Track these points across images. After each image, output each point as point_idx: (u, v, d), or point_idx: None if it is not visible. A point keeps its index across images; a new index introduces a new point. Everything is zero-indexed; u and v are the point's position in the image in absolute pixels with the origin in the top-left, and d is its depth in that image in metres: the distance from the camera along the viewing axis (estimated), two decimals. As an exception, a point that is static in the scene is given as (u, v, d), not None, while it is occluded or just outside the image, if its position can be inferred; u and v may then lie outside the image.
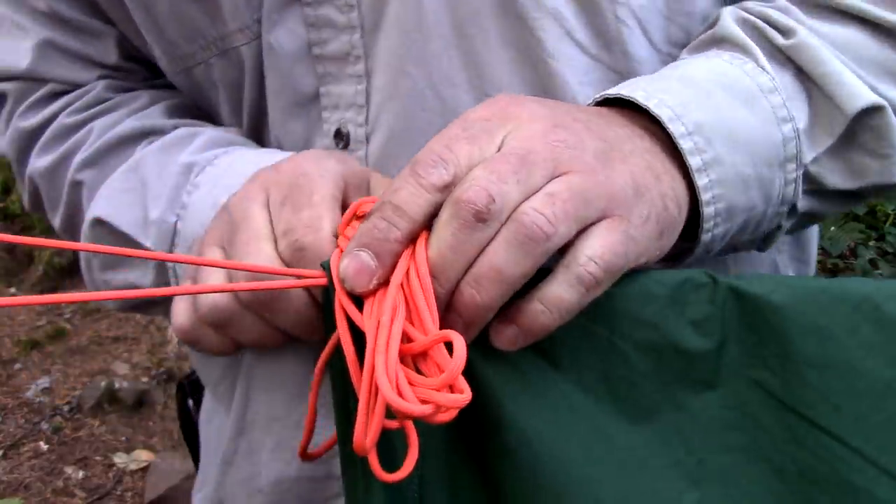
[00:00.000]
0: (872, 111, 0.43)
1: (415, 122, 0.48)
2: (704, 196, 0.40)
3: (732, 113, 0.42)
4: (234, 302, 0.41)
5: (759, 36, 0.45)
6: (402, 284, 0.35)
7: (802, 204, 0.45)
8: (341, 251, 0.38)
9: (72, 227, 0.59)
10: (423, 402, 0.31)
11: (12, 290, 3.11)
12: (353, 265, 0.36)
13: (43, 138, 0.59)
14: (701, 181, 0.40)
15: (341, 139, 0.50)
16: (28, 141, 0.60)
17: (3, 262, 3.16)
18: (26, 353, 2.73)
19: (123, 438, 2.37)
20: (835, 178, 0.45)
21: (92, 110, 0.58)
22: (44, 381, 2.59)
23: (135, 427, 2.42)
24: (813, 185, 0.45)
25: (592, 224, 0.36)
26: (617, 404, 0.37)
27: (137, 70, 0.60)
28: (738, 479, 0.37)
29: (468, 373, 0.36)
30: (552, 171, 0.36)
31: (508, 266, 0.34)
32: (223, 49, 0.52)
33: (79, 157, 0.56)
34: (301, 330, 0.42)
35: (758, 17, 0.45)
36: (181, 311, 0.43)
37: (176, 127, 0.56)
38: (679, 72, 0.44)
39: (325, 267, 0.38)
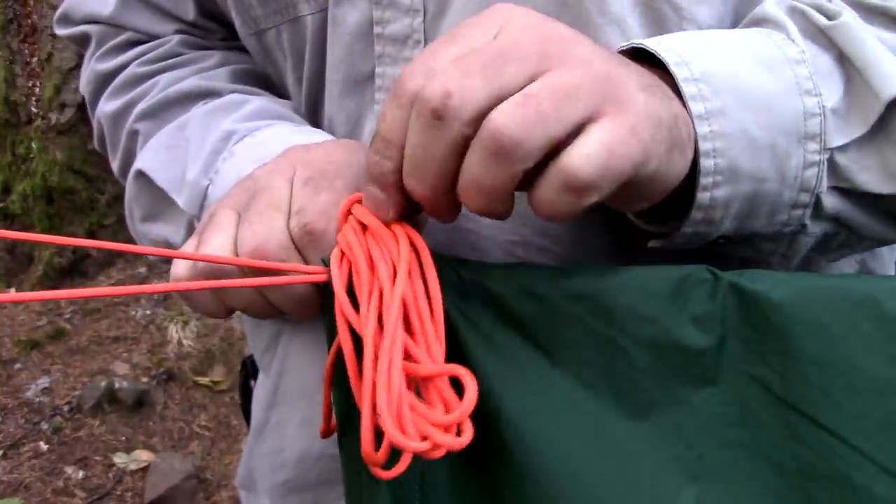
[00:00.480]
0: None
1: None
2: (703, 146, 0.38)
3: (749, 73, 0.39)
4: (233, 266, 0.41)
5: (801, 17, 0.43)
6: (405, 300, 0.34)
7: (830, 202, 0.42)
8: (341, 250, 0.37)
9: (126, 173, 0.61)
10: (423, 437, 0.31)
11: (12, 290, 3.11)
12: (369, 203, 0.37)
13: (114, 84, 0.62)
14: (701, 129, 0.38)
15: None
16: (101, 84, 0.63)
17: (3, 262, 3.16)
18: (26, 353, 2.73)
19: (123, 438, 2.37)
20: (865, 175, 0.41)
21: (162, 63, 0.60)
22: (44, 381, 2.59)
23: (135, 427, 2.42)
24: (841, 182, 0.42)
25: (588, 123, 0.33)
26: (617, 399, 0.37)
27: (214, 29, 0.62)
28: (737, 475, 0.37)
29: (465, 364, 0.36)
30: (536, 66, 0.33)
31: (486, 178, 0.33)
32: (293, 16, 0.53)
33: (139, 108, 0.58)
34: (291, 308, 0.42)
35: (807, 5, 0.43)
36: (182, 263, 0.43)
37: (233, 92, 0.57)
38: (702, 33, 0.42)
39: (326, 262, 0.38)
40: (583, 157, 0.32)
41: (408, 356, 0.33)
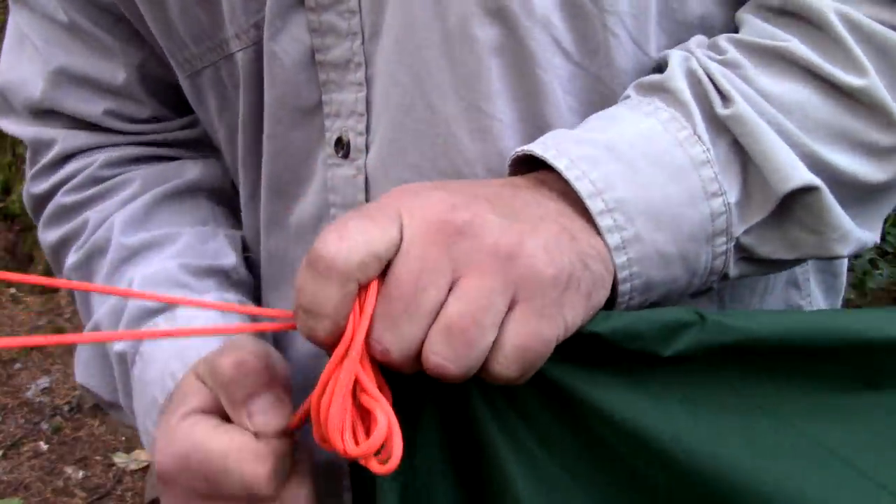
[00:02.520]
0: (807, 190, 0.41)
1: (405, 132, 0.47)
2: (621, 274, 0.39)
3: (659, 189, 0.40)
4: None
5: (701, 95, 0.43)
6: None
7: (735, 271, 0.44)
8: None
9: (75, 303, 0.62)
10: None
11: (12, 290, 3.11)
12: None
13: (46, 212, 0.61)
14: (619, 259, 0.39)
15: (342, 148, 0.50)
16: (36, 207, 0.63)
17: (3, 263, 3.16)
18: (26, 353, 2.73)
19: (123, 438, 2.38)
20: (767, 248, 0.43)
21: (87, 193, 0.60)
22: (44, 381, 2.60)
23: (135, 427, 2.42)
24: (745, 254, 0.44)
25: (508, 311, 0.35)
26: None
27: (144, 100, 0.60)
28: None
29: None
30: (450, 278, 0.35)
31: (449, 378, 0.35)
32: (226, 53, 0.52)
33: (70, 261, 0.59)
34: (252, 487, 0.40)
35: (704, 72, 0.43)
36: None
37: (139, 247, 0.56)
38: (610, 134, 0.42)
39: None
40: (502, 365, 0.35)
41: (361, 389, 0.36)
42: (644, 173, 0.40)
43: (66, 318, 2.93)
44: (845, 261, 0.60)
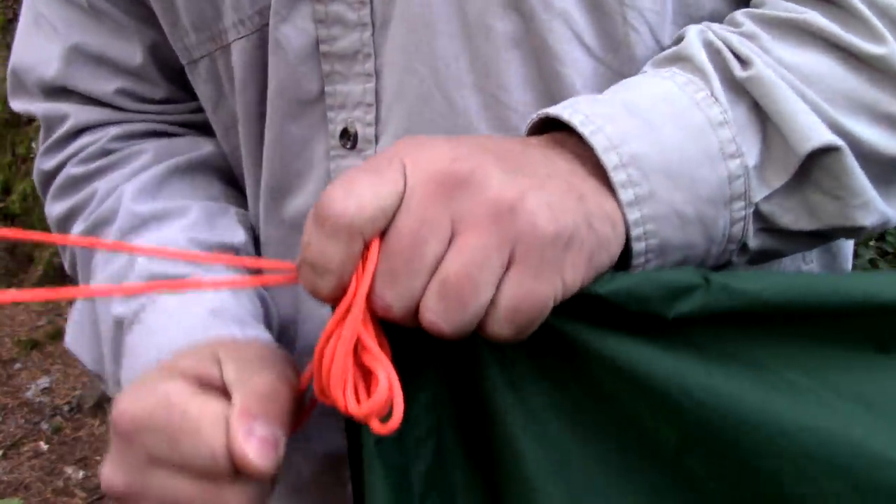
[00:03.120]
0: (827, 151, 0.41)
1: (421, 122, 0.47)
2: (634, 231, 0.38)
3: (676, 148, 0.39)
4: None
5: (719, 62, 0.42)
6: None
7: (755, 242, 0.43)
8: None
9: (75, 276, 0.61)
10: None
11: (13, 290, 3.11)
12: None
13: (55, 184, 0.61)
14: (632, 216, 0.38)
15: (348, 139, 0.49)
16: (45, 182, 0.62)
17: (3, 262, 3.17)
18: (26, 353, 2.73)
19: (123, 438, 2.37)
20: (788, 217, 0.42)
21: (96, 164, 0.59)
22: (44, 381, 2.60)
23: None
24: (766, 224, 0.43)
25: (506, 270, 0.35)
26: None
27: (158, 80, 0.60)
28: None
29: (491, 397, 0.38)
30: (449, 231, 0.35)
31: (447, 335, 0.35)
32: (225, 43, 0.52)
33: (76, 231, 0.58)
34: (209, 465, 0.38)
35: (721, 41, 0.43)
36: None
37: (149, 214, 0.56)
38: (627, 95, 0.42)
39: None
40: (497, 324, 0.35)
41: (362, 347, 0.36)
42: (661, 131, 0.40)
43: (66, 317, 2.93)
44: (849, 260, 0.59)
